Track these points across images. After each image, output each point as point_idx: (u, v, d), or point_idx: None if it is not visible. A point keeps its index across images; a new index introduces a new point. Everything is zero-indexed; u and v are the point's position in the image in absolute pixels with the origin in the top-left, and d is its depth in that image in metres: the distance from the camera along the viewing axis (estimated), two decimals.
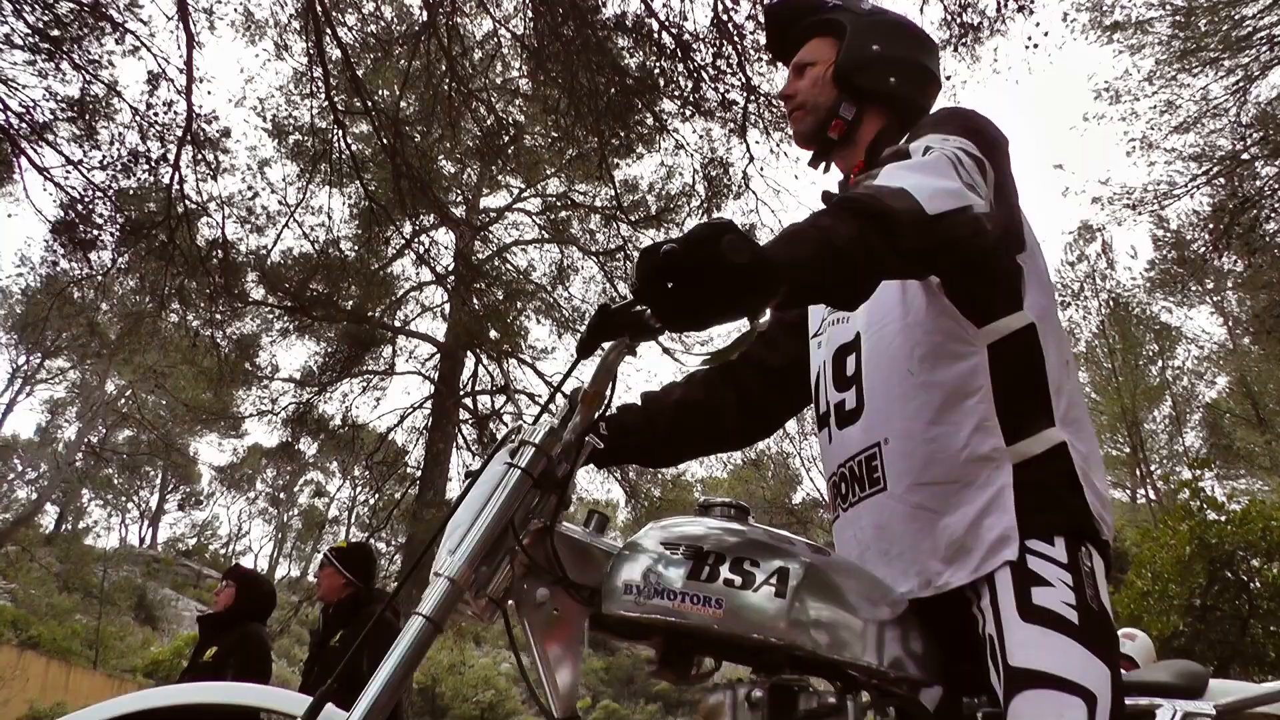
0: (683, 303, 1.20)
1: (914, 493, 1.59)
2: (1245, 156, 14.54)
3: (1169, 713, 1.66)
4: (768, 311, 1.25)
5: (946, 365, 1.60)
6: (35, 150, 10.47)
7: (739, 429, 2.04)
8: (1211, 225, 15.00)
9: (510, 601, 1.46)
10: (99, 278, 12.80)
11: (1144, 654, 5.91)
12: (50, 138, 10.66)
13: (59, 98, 10.66)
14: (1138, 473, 30.99)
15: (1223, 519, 12.18)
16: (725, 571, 1.43)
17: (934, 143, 1.52)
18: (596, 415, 1.50)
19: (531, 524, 1.45)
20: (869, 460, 1.67)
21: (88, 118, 10.89)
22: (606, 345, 1.45)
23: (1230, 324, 28.23)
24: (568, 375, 1.59)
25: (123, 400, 31.62)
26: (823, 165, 2.00)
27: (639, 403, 1.97)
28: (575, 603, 1.46)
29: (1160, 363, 30.82)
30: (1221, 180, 14.92)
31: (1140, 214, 17.01)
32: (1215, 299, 26.59)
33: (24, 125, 10.19)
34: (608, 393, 1.49)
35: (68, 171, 10.84)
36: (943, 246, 1.38)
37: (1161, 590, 12.15)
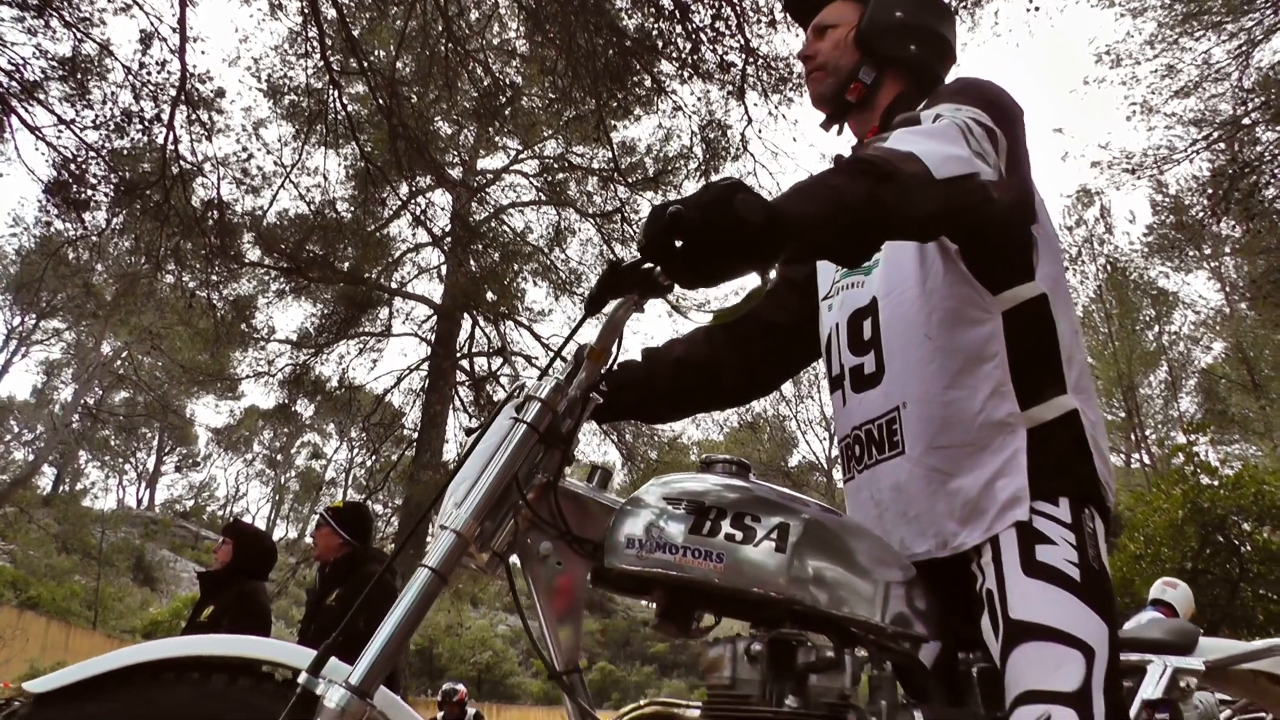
0: (694, 260, 1.22)
1: (930, 455, 1.62)
2: (1246, 121, 14.49)
3: (1160, 668, 1.69)
4: (776, 267, 1.26)
5: (963, 331, 1.62)
6: (26, 109, 10.38)
7: (739, 386, 2.05)
8: (1210, 190, 14.95)
9: (514, 556, 1.47)
10: (94, 238, 12.76)
11: (1184, 603, 5.98)
12: (41, 96, 10.56)
13: (50, 56, 10.57)
14: (1133, 437, 31.14)
15: (1216, 484, 12.27)
16: (726, 526, 1.44)
17: (946, 111, 1.53)
18: (602, 371, 1.51)
19: (535, 479, 1.47)
20: (889, 424, 1.69)
21: (79, 77, 10.79)
22: (614, 302, 1.45)
23: (1227, 289, 28.26)
24: (575, 331, 1.60)
25: (119, 361, 31.63)
26: (836, 128, 2.00)
27: (639, 359, 1.98)
28: (578, 557, 1.48)
29: (1157, 328, 30.90)
30: (1221, 145, 14.87)
31: (1139, 178, 16.98)
32: (1213, 264, 26.60)
33: (14, 84, 10.10)
34: (614, 349, 1.50)
35: (60, 131, 10.76)
36: (950, 211, 1.40)
37: (1154, 554, 12.25)
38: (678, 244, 1.21)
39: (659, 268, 1.31)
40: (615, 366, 1.51)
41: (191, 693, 1.32)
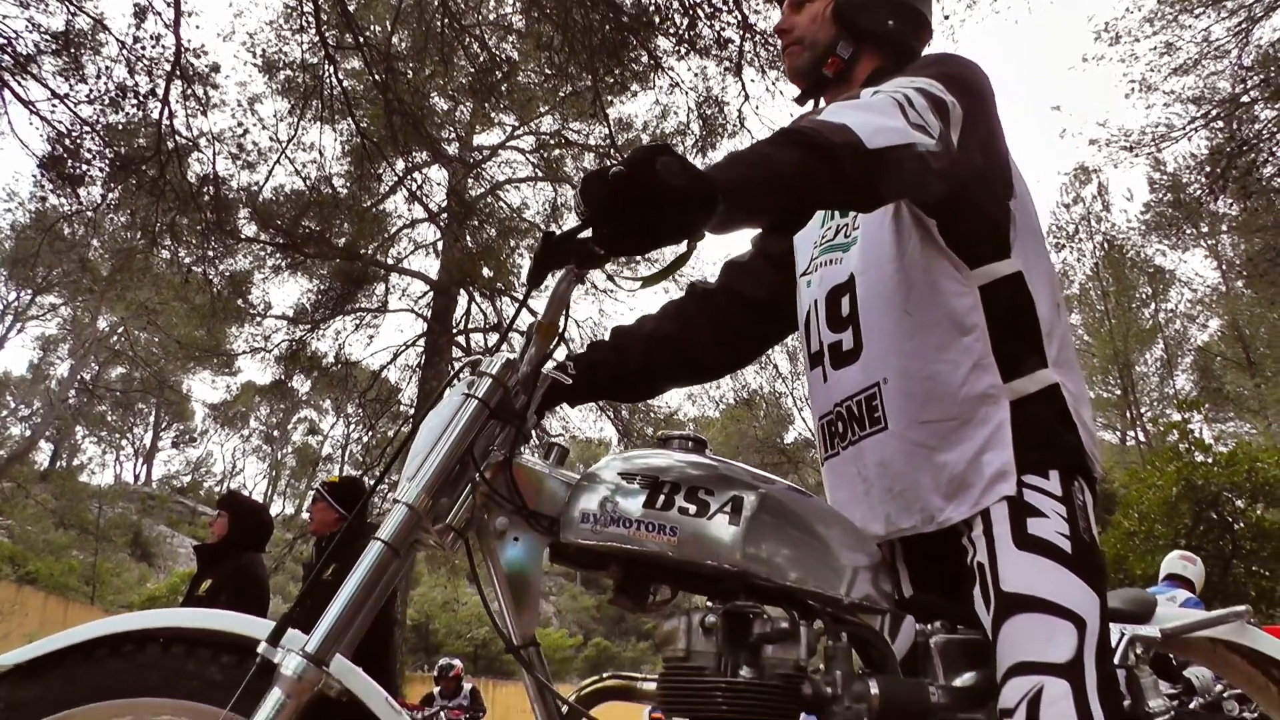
0: (623, 226, 1.24)
1: (915, 430, 1.62)
2: (1245, 99, 14.43)
3: (1117, 635, 1.72)
4: (705, 235, 1.27)
5: (942, 305, 1.63)
6: (19, 83, 10.34)
7: (714, 360, 2.05)
8: (1208, 168, 14.91)
9: (472, 531, 1.49)
10: (89, 213, 12.74)
11: (1200, 578, 6.14)
12: (35, 70, 10.52)
13: (43, 30, 10.52)
14: (1128, 415, 31.19)
15: (1210, 461, 12.31)
16: (681, 500, 1.46)
17: (888, 86, 1.54)
18: (551, 346, 1.52)
19: (492, 456, 1.48)
20: (869, 400, 1.69)
21: (73, 51, 10.74)
22: (557, 274, 1.46)
23: (1224, 267, 28.23)
24: (520, 309, 1.61)
25: (115, 337, 31.61)
26: (813, 102, 2.00)
27: (609, 338, 1.98)
28: (535, 532, 1.49)
29: (1153, 305, 30.89)
30: (1220, 123, 14.81)
31: (1137, 156, 16.94)
32: (1210, 242, 26.56)
33: (7, 57, 10.05)
34: (560, 322, 1.51)
35: (54, 105, 10.72)
36: (882, 180, 1.41)
37: (1147, 530, 12.32)
38: (610, 209, 1.23)
39: (591, 236, 1.31)
40: (566, 338, 1.52)
41: (143, 664, 1.35)
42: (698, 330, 1.98)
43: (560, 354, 1.57)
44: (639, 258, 1.32)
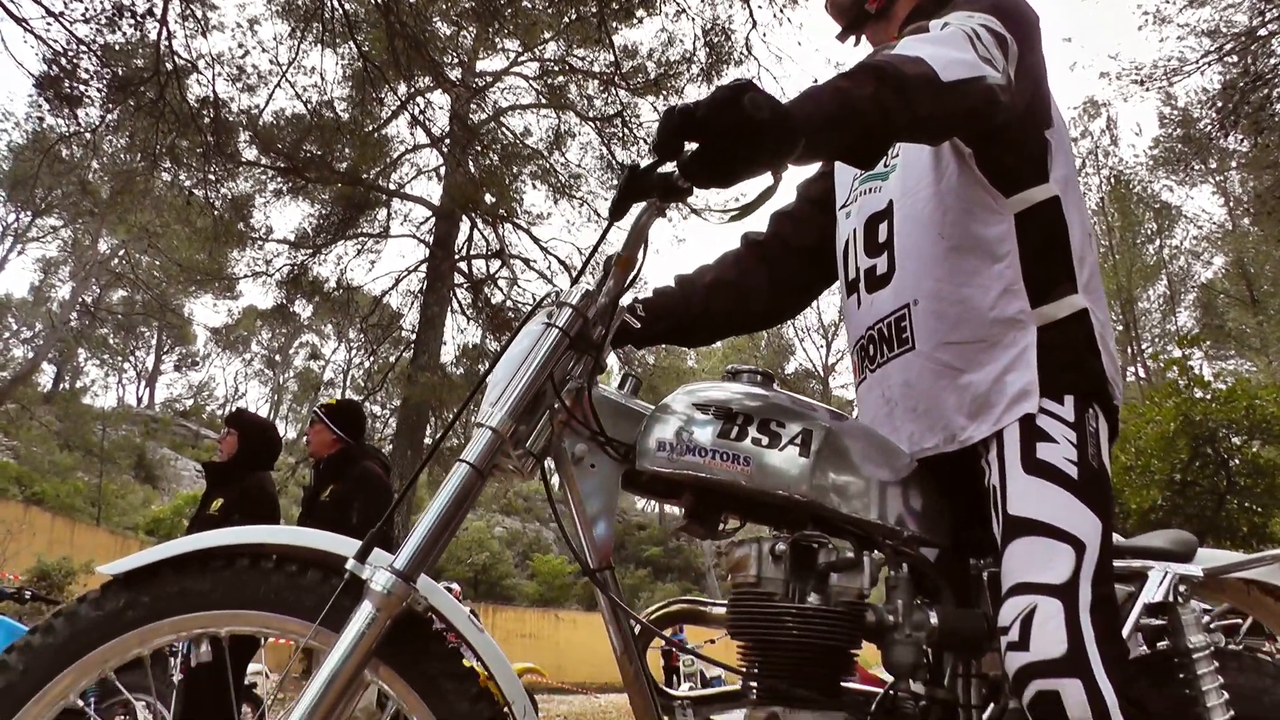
0: (708, 160, 1.27)
1: (942, 351, 1.65)
2: (1262, 33, 14.24)
3: (1160, 574, 1.75)
4: (789, 167, 1.30)
5: (977, 230, 1.65)
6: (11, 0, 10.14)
7: (768, 308, 2.09)
8: (1220, 103, 14.75)
9: (548, 459, 1.52)
10: (87, 135, 12.58)
11: None
12: None
13: None
14: (1129, 350, 31.32)
15: (1208, 397, 12.36)
16: (753, 431, 1.50)
17: (955, 19, 1.55)
18: (630, 278, 1.55)
19: (570, 384, 1.51)
20: (898, 321, 1.72)
21: None
22: (637, 208, 1.48)
23: (1231, 204, 28.12)
24: (601, 240, 1.62)
25: (116, 260, 31.50)
26: (853, 39, 1.99)
27: (673, 284, 2.00)
28: (610, 459, 1.53)
29: (1158, 241, 30.82)
30: (1234, 57, 14.63)
31: (1148, 90, 16.77)
32: (1218, 179, 26.42)
33: None
34: (640, 256, 1.53)
35: (49, 24, 10.52)
36: (956, 113, 1.45)
37: (1144, 465, 12.42)
38: (691, 145, 1.27)
39: (675, 170, 1.34)
40: (643, 272, 1.54)
41: (260, 578, 1.40)
42: (754, 278, 2.02)
43: (630, 297, 1.60)
44: (719, 193, 1.34)
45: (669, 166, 1.35)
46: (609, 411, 1.54)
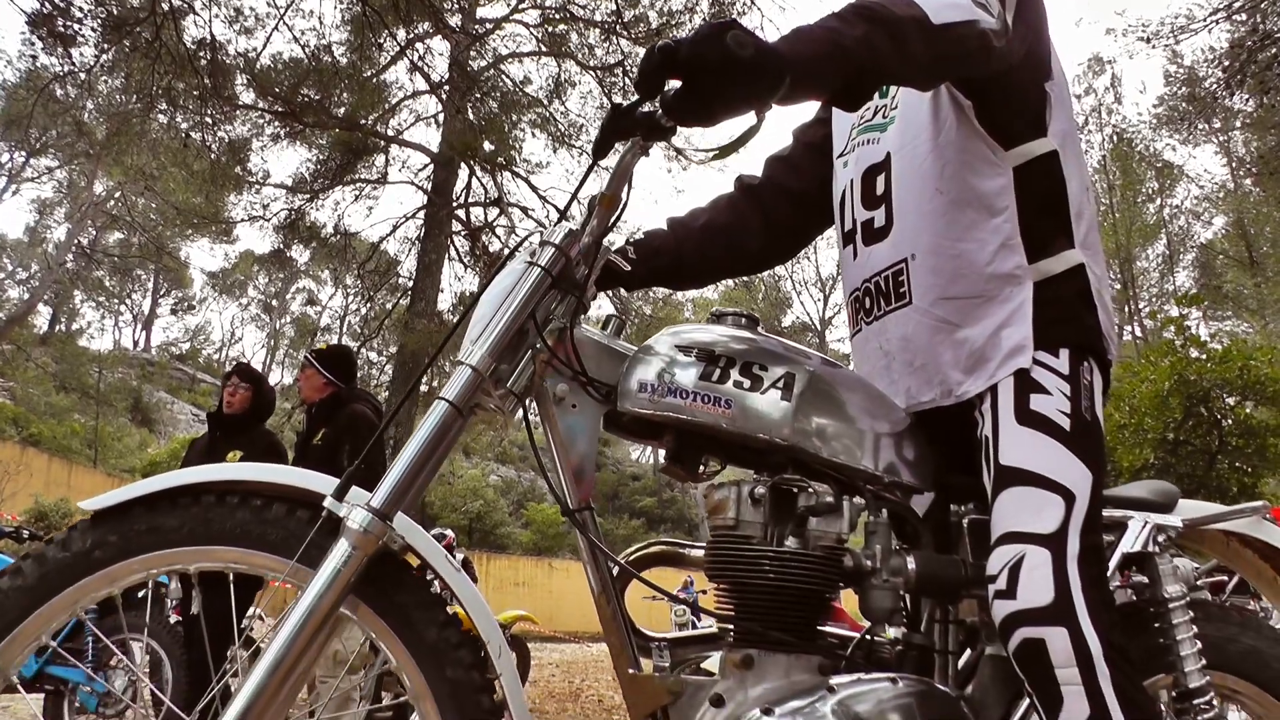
0: (690, 99, 1.27)
1: (939, 306, 1.65)
2: None
3: (1140, 523, 1.77)
4: (773, 107, 1.28)
5: (975, 184, 1.64)
6: None
7: (763, 252, 2.07)
8: (1227, 62, 14.59)
9: (530, 399, 1.52)
10: (82, 75, 12.44)
11: None
12: None
13: None
14: (1127, 309, 31.30)
15: (1204, 357, 12.36)
16: (735, 374, 1.50)
17: None
18: (614, 218, 1.54)
19: (552, 324, 1.51)
20: (895, 275, 1.71)
21: None
22: (621, 147, 1.47)
23: (1233, 165, 27.94)
24: (584, 179, 1.61)
25: (112, 202, 31.25)
26: None
27: (665, 227, 1.99)
28: (592, 400, 1.53)
29: (1159, 201, 30.68)
30: (1243, 15, 14.44)
31: (1154, 47, 16.56)
32: (1221, 139, 26.24)
33: None
34: (624, 195, 1.52)
35: None
36: (947, 57, 1.44)
37: (1137, 424, 12.44)
38: (674, 83, 1.26)
39: (659, 108, 1.33)
40: (626, 211, 1.53)
41: (231, 514, 1.39)
42: (748, 221, 2.01)
43: (621, 239, 1.59)
44: (702, 132, 1.33)
45: (652, 105, 1.34)
46: (592, 352, 1.53)
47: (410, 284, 17.71)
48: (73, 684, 5.19)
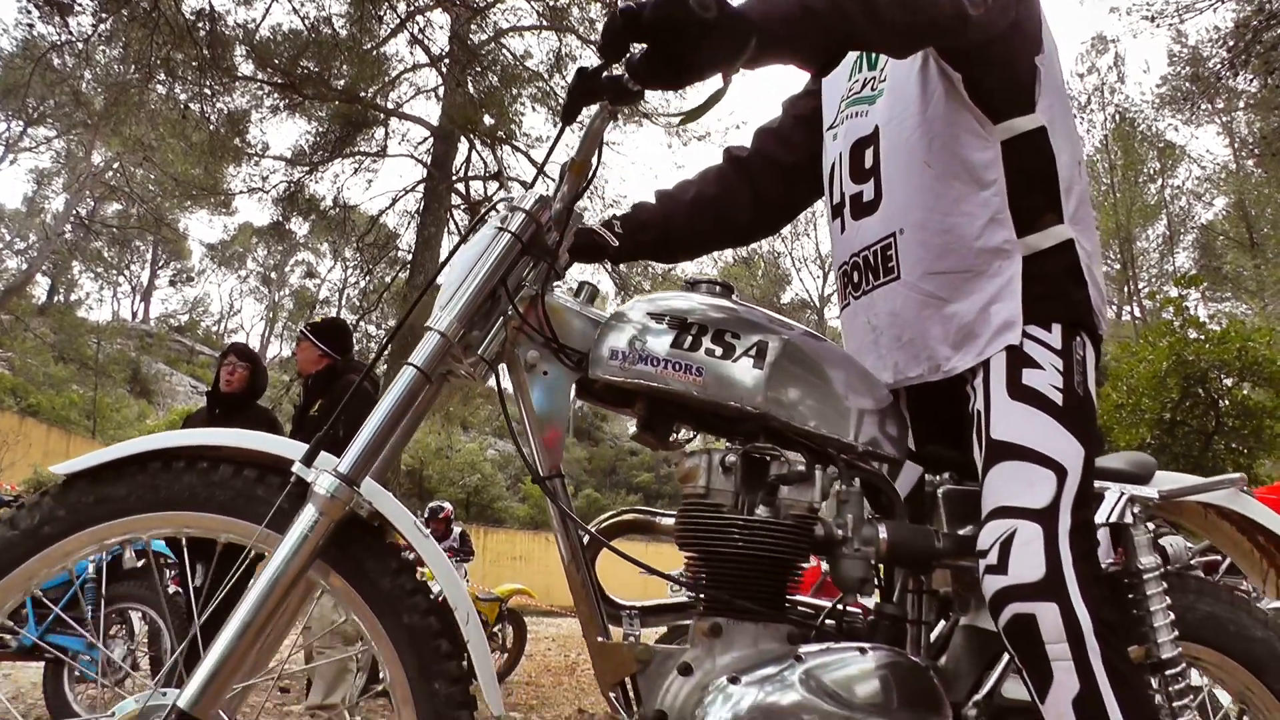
0: (654, 62, 1.26)
1: (927, 281, 1.64)
2: None
3: (1116, 494, 1.77)
4: (740, 70, 1.27)
5: (963, 158, 1.63)
6: None
7: (751, 224, 2.07)
8: (1231, 42, 14.50)
9: (502, 365, 1.52)
10: (79, 44, 12.37)
11: None
12: None
13: None
14: (1125, 289, 31.24)
15: (1202, 338, 12.36)
16: (707, 342, 1.49)
17: None
18: (584, 184, 1.53)
19: (524, 291, 1.50)
20: (884, 249, 1.71)
21: None
22: (590, 112, 1.46)
23: (1236, 145, 27.82)
24: (554, 145, 1.60)
25: (110, 172, 31.13)
26: None
27: (653, 200, 1.98)
28: (564, 367, 1.52)
29: (1160, 181, 30.58)
30: None
31: (1159, 27, 16.47)
32: (1224, 119, 26.11)
33: None
34: (594, 160, 1.51)
35: None
36: (919, 24, 1.42)
37: (1134, 404, 12.45)
38: (639, 46, 1.25)
39: (625, 72, 1.32)
40: (597, 176, 1.52)
41: (200, 480, 1.39)
42: (737, 194, 2.00)
43: (608, 214, 1.58)
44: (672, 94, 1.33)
45: (620, 69, 1.32)
46: (563, 319, 1.53)
47: (409, 257, 17.67)
48: (73, 652, 5.22)
